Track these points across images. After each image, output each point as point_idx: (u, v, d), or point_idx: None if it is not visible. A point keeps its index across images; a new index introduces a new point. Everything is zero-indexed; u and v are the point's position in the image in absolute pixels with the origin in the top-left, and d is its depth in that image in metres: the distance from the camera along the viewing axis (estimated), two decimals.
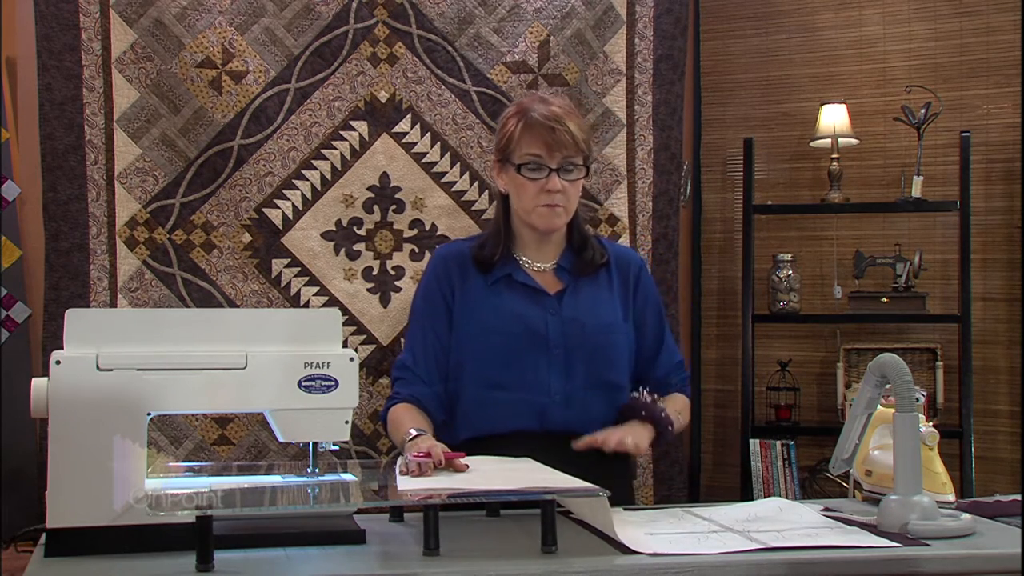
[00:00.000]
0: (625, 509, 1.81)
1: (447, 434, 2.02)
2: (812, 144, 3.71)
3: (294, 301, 3.01)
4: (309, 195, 3.03)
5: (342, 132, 3.05)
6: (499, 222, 2.10)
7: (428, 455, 1.74)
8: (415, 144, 3.09)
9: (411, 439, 1.88)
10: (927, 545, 1.60)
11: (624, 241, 3.19)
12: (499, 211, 2.11)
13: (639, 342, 2.13)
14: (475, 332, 2.04)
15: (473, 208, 3.13)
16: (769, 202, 3.75)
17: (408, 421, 1.97)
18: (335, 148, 3.05)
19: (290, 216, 3.02)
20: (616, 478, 1.93)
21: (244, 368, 1.62)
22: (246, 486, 1.66)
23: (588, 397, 2.03)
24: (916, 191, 3.55)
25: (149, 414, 1.58)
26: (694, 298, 3.79)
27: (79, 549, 1.51)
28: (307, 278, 3.03)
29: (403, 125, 3.09)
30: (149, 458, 1.60)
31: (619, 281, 2.12)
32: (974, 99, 3.68)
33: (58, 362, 1.55)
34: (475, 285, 2.07)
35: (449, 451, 1.77)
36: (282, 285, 3.02)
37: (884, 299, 3.61)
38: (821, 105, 3.65)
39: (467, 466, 1.77)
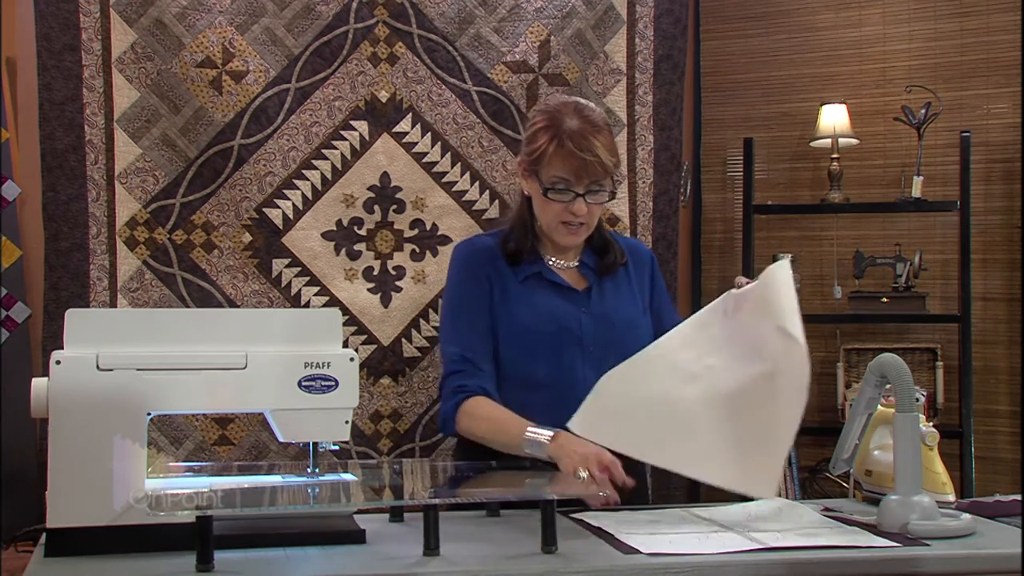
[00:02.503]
0: (631, 509, 1.81)
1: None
2: (812, 144, 3.71)
3: (294, 301, 3.01)
4: (309, 195, 3.03)
5: (342, 132, 3.05)
6: (524, 219, 2.10)
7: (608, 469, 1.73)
8: (415, 144, 3.09)
9: (553, 439, 1.84)
10: (927, 545, 1.61)
11: None
12: (523, 208, 2.11)
13: (659, 332, 2.14)
14: (512, 329, 2.04)
15: (474, 208, 3.13)
16: (769, 202, 3.75)
17: (510, 415, 1.93)
18: (335, 148, 3.05)
19: (290, 216, 3.02)
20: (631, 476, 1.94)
21: (244, 368, 1.62)
22: (246, 486, 1.66)
23: None
24: (916, 191, 3.55)
25: (149, 414, 1.58)
26: (694, 298, 3.79)
27: (79, 549, 1.51)
28: (307, 278, 3.03)
29: (403, 125, 3.09)
30: (149, 458, 1.60)
31: (636, 275, 2.16)
32: (974, 99, 3.68)
33: (58, 362, 1.55)
34: (508, 281, 2.07)
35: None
36: (283, 285, 3.01)
37: (884, 299, 3.61)
38: (821, 105, 3.65)
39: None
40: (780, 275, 1.84)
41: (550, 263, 2.10)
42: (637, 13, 3.24)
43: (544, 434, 1.85)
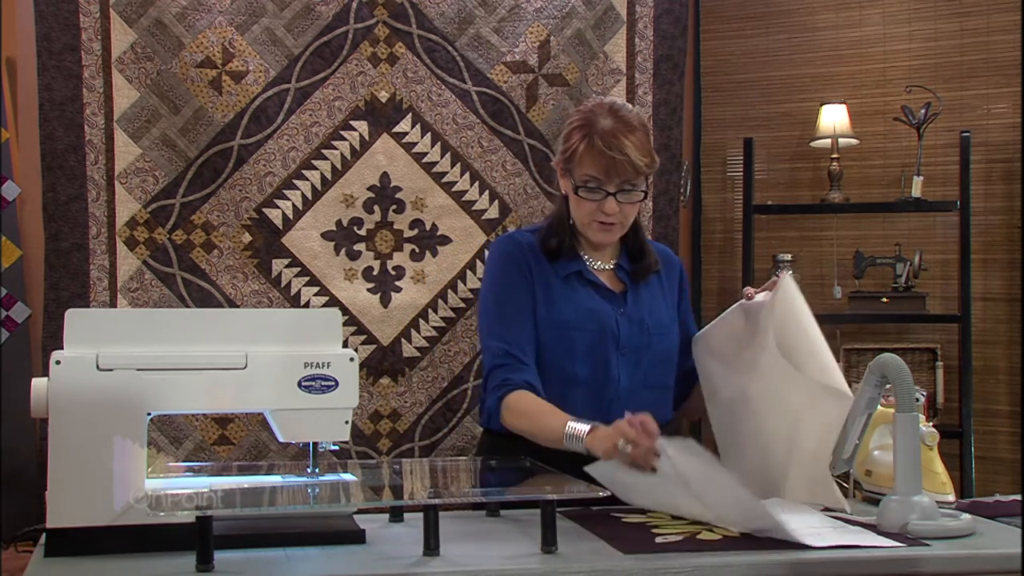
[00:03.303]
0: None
1: (496, 422, 2.05)
2: (812, 144, 3.71)
3: (294, 301, 3.01)
4: (309, 195, 3.03)
5: (342, 132, 3.05)
6: (563, 217, 2.11)
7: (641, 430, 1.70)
8: (415, 144, 3.09)
9: (588, 433, 1.81)
10: (927, 545, 1.61)
11: None
12: (562, 207, 2.12)
13: (683, 340, 2.18)
14: (554, 325, 2.04)
15: (473, 208, 3.12)
16: (769, 202, 3.75)
17: (551, 410, 1.92)
18: (335, 148, 3.05)
19: (290, 216, 3.02)
20: None
21: (244, 368, 1.62)
22: (246, 486, 1.66)
23: (646, 396, 2.06)
24: (916, 191, 3.55)
25: (149, 414, 1.58)
26: (694, 298, 3.79)
27: (79, 549, 1.51)
28: (307, 278, 3.03)
29: (403, 125, 3.09)
30: (149, 458, 1.60)
31: (667, 282, 2.18)
32: (974, 99, 3.67)
33: (58, 362, 1.55)
34: (550, 277, 2.08)
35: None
36: (282, 285, 3.01)
37: (884, 299, 3.61)
38: (821, 105, 3.65)
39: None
40: (797, 301, 1.94)
41: (588, 263, 2.11)
42: (637, 13, 3.24)
43: (581, 429, 1.82)
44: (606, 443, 1.75)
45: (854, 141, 3.65)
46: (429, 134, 3.10)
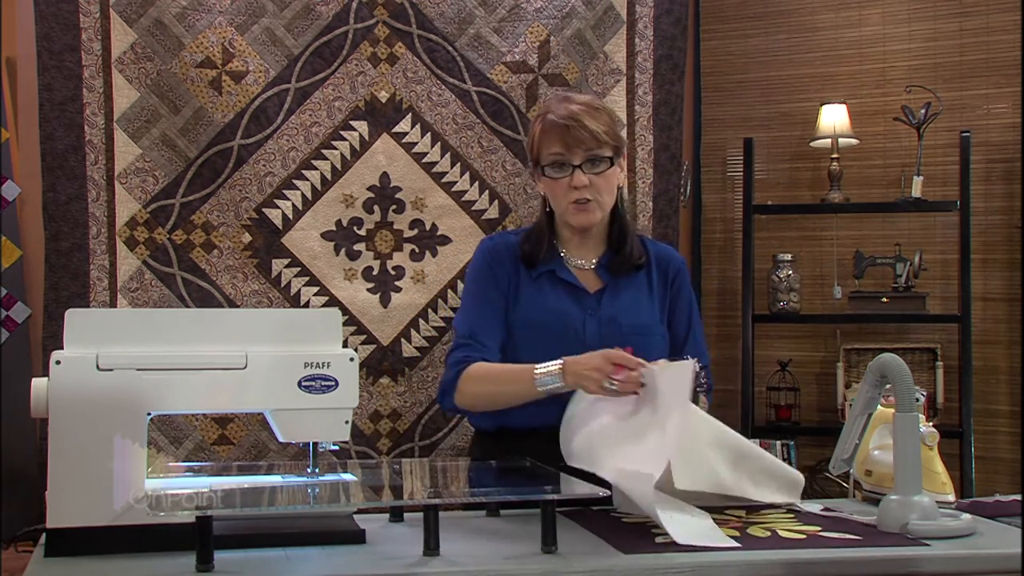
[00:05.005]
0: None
1: (480, 420, 2.11)
2: (812, 144, 3.71)
3: (294, 301, 3.01)
4: (309, 195, 3.03)
5: (342, 132, 3.05)
6: (541, 220, 2.15)
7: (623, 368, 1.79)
8: (415, 144, 3.09)
9: (563, 367, 1.88)
10: (927, 545, 1.61)
11: None
12: (542, 210, 2.16)
13: (673, 343, 2.15)
14: (518, 324, 2.07)
15: (473, 208, 3.12)
16: (769, 202, 3.75)
17: (512, 366, 1.99)
18: (335, 148, 3.05)
19: (290, 216, 3.02)
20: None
21: (244, 368, 1.62)
22: (246, 486, 1.66)
23: None
24: (916, 191, 3.55)
25: (149, 414, 1.58)
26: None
27: (79, 549, 1.51)
28: (307, 278, 3.03)
29: (403, 125, 3.09)
30: (149, 458, 1.60)
31: (659, 281, 2.15)
32: (974, 99, 3.68)
33: (58, 362, 1.55)
34: (522, 278, 2.11)
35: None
36: (282, 285, 3.01)
37: (884, 299, 3.61)
38: (821, 105, 3.65)
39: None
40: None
41: (568, 262, 2.12)
42: (637, 13, 3.24)
43: (553, 366, 1.89)
44: (593, 377, 1.82)
45: (854, 141, 3.66)
46: (429, 134, 3.10)
